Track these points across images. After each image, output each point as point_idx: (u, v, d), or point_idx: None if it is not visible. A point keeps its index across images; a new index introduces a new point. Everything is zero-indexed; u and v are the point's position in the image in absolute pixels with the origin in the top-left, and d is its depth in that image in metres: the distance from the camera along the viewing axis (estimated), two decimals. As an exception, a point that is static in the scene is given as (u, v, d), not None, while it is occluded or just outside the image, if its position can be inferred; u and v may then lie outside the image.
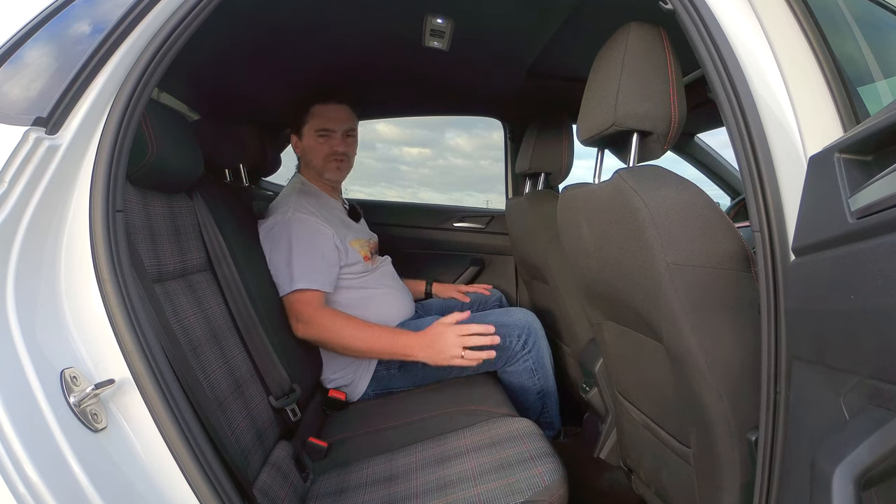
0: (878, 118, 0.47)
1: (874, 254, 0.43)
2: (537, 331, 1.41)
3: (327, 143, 1.45)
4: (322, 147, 1.45)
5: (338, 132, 1.46)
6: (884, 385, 0.43)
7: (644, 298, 0.76)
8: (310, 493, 1.00)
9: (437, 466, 0.96)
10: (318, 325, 1.26)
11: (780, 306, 0.58)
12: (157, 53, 0.69)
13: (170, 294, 0.89)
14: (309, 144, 1.46)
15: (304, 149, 1.48)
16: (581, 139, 0.92)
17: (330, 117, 1.45)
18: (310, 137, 1.46)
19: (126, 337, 0.62)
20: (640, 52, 0.77)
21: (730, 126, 0.64)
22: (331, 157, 1.46)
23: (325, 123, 1.45)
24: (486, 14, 1.24)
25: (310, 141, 1.46)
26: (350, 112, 1.49)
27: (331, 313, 1.29)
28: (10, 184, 0.59)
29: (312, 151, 1.46)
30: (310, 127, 1.45)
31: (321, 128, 1.45)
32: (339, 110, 1.47)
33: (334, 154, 1.46)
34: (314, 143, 1.45)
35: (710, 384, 0.70)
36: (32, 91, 0.64)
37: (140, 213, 0.87)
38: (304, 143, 1.48)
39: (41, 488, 0.50)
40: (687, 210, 0.69)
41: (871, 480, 0.42)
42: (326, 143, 1.45)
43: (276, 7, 1.15)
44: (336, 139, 1.45)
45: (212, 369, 0.90)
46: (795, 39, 0.64)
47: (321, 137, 1.45)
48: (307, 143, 1.47)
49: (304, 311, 1.27)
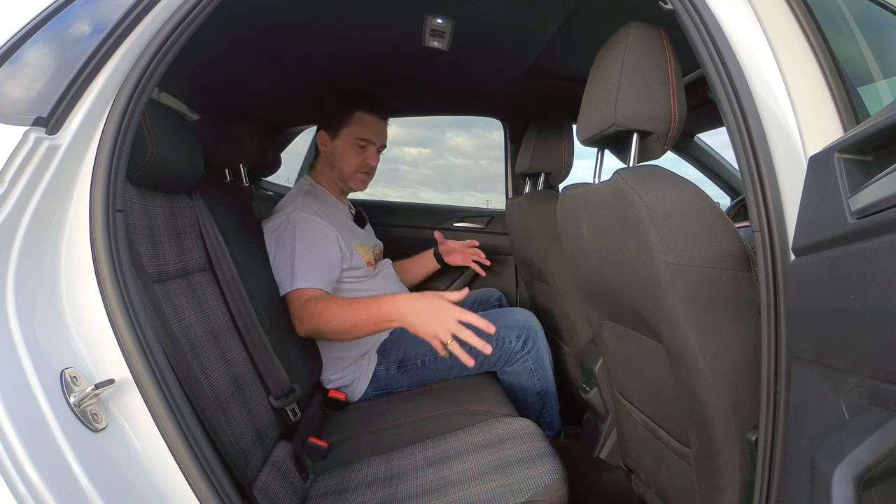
0: (878, 118, 0.47)
1: (874, 254, 0.43)
2: (537, 331, 1.41)
3: (363, 154, 1.46)
4: (357, 156, 1.46)
5: (375, 146, 1.48)
6: (884, 385, 0.43)
7: (644, 298, 0.76)
8: (310, 493, 1.00)
9: (437, 466, 0.96)
10: (309, 315, 1.22)
11: (780, 306, 0.58)
12: (157, 53, 0.69)
13: (170, 294, 0.89)
14: (343, 149, 1.46)
15: (334, 150, 1.47)
16: (581, 139, 0.92)
17: (373, 129, 1.46)
18: (346, 142, 1.45)
19: (126, 337, 0.62)
20: (640, 52, 0.77)
21: (730, 126, 0.64)
22: (362, 169, 1.47)
23: (367, 134, 1.45)
24: (486, 14, 1.24)
25: (345, 146, 1.45)
26: (386, 129, 1.52)
27: (318, 302, 1.23)
28: (11, 184, 0.59)
29: (344, 157, 1.46)
30: (350, 132, 1.45)
31: (363, 137, 1.45)
32: (382, 125, 1.49)
33: (366, 167, 1.47)
34: (350, 149, 1.45)
35: (710, 384, 0.70)
36: (32, 91, 0.64)
37: (140, 213, 0.87)
38: (336, 145, 1.46)
39: (41, 488, 0.50)
40: (687, 210, 0.69)
41: (871, 480, 0.42)
42: (362, 154, 1.46)
43: (276, 7, 1.15)
44: (372, 152, 1.47)
45: (212, 369, 0.90)
46: (795, 39, 0.64)
47: (359, 147, 1.45)
48: (341, 147, 1.46)
49: (303, 309, 1.25)
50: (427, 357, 1.38)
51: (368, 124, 1.46)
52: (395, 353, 1.40)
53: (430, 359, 1.39)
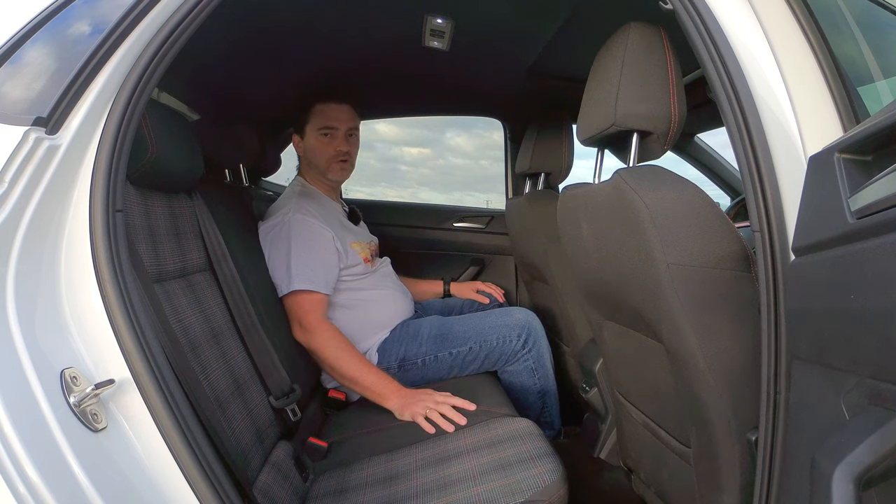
0: (878, 118, 0.47)
1: (874, 254, 0.43)
2: (537, 331, 1.41)
3: (331, 142, 1.44)
4: (325, 147, 1.44)
5: (340, 131, 1.45)
6: (884, 385, 0.43)
7: (644, 298, 0.76)
8: (310, 493, 1.00)
9: (437, 466, 0.96)
10: (321, 340, 1.26)
11: (780, 306, 0.58)
12: (157, 53, 0.69)
13: (170, 294, 0.89)
14: (311, 144, 1.45)
15: (306, 148, 1.47)
16: (581, 139, 0.92)
17: (332, 116, 1.44)
18: (312, 136, 1.45)
19: (126, 337, 0.62)
20: (640, 52, 0.77)
21: (730, 126, 0.64)
22: (334, 157, 1.45)
23: (327, 122, 1.44)
24: (486, 14, 1.24)
25: (312, 140, 1.45)
26: (352, 111, 1.48)
27: (334, 334, 1.28)
28: (11, 184, 0.59)
29: (315, 151, 1.45)
30: (312, 126, 1.44)
31: (323, 126, 1.44)
32: (341, 109, 1.46)
33: (338, 154, 1.45)
34: (317, 142, 1.44)
35: (710, 384, 0.70)
36: (32, 91, 0.64)
37: (140, 213, 0.87)
38: (306, 143, 1.47)
39: (41, 488, 0.50)
40: (687, 210, 0.69)
41: (871, 480, 0.42)
42: (330, 143, 1.44)
43: (276, 7, 1.15)
44: (339, 138, 1.45)
45: (212, 369, 0.90)
46: (795, 40, 0.64)
47: (324, 137, 1.44)
48: (310, 143, 1.46)
49: (306, 318, 1.27)
50: (427, 357, 1.39)
51: (327, 112, 1.45)
52: (396, 353, 1.40)
53: (431, 358, 1.39)
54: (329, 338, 1.27)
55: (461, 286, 1.80)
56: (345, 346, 1.27)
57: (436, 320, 1.45)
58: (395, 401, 1.20)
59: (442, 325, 1.42)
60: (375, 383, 1.23)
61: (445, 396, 1.17)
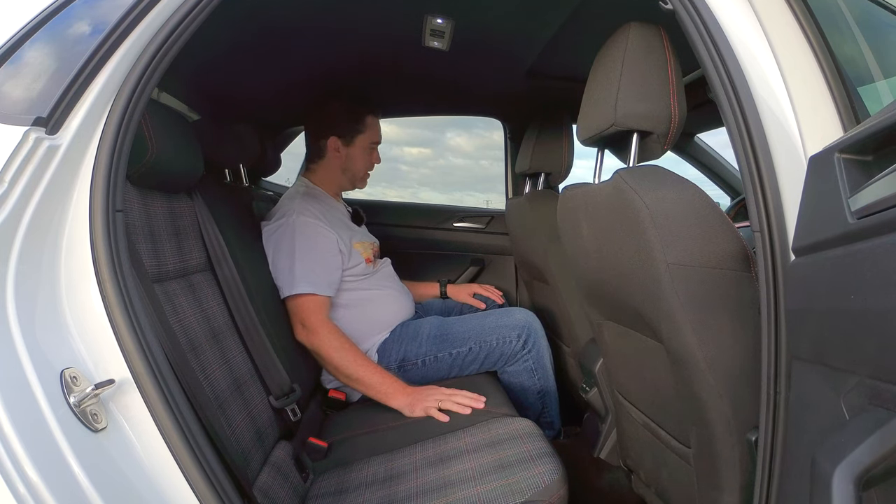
0: (878, 118, 0.47)
1: (874, 254, 0.43)
2: (537, 331, 1.41)
3: (372, 156, 1.53)
4: (368, 159, 1.52)
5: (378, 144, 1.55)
6: (884, 385, 0.43)
7: (644, 298, 0.76)
8: (310, 493, 1.00)
9: (437, 466, 0.96)
10: (324, 340, 1.27)
11: (780, 306, 0.58)
12: (157, 53, 0.69)
13: (170, 294, 0.89)
14: (356, 153, 1.50)
15: (349, 155, 1.50)
16: (581, 139, 0.92)
17: (378, 131, 1.54)
18: (361, 147, 1.50)
19: (126, 337, 0.62)
20: (640, 52, 0.77)
21: (730, 126, 0.64)
22: (370, 169, 1.55)
23: (376, 137, 1.53)
24: (486, 14, 1.24)
25: (359, 150, 1.50)
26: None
27: (338, 334, 1.29)
28: (10, 184, 0.59)
29: (357, 160, 1.50)
30: (365, 137, 1.50)
31: (374, 141, 1.52)
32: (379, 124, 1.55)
33: (373, 167, 1.56)
34: (363, 154, 1.51)
35: (710, 384, 0.70)
36: (32, 91, 0.64)
37: (140, 213, 0.87)
38: (351, 151, 1.49)
39: (41, 488, 0.50)
40: (687, 210, 0.69)
41: (871, 480, 0.42)
42: (371, 156, 1.53)
43: (276, 7, 1.15)
44: (377, 153, 1.55)
45: (212, 369, 0.90)
46: (795, 40, 0.64)
47: (371, 150, 1.52)
48: (355, 152, 1.50)
49: (309, 319, 1.27)
50: (427, 357, 1.39)
51: (376, 128, 1.52)
52: (396, 353, 1.40)
53: (431, 359, 1.39)
54: (332, 338, 1.27)
55: (458, 289, 1.79)
56: (348, 346, 1.28)
57: (436, 321, 1.45)
58: (403, 399, 1.21)
59: (442, 325, 1.42)
60: (381, 382, 1.24)
61: (452, 390, 1.20)
